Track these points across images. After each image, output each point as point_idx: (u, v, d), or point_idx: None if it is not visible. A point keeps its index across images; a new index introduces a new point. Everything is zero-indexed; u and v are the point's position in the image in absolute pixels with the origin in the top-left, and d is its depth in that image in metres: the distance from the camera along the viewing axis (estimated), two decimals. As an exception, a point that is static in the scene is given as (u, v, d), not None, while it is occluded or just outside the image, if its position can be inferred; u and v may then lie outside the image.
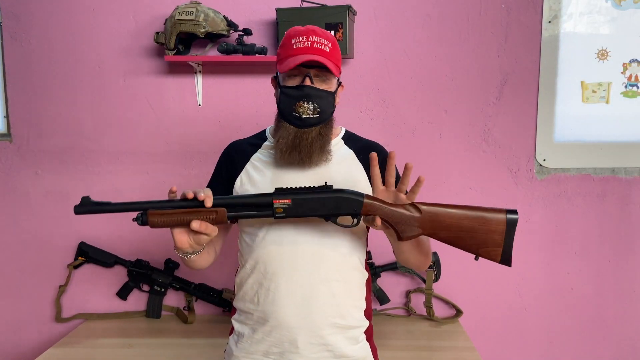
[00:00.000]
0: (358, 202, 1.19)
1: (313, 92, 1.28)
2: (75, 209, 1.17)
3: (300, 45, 1.28)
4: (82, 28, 2.21)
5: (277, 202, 1.18)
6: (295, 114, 1.29)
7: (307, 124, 1.29)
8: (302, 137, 1.29)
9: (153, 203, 1.18)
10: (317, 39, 1.28)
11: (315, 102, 1.28)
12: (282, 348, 1.31)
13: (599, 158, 2.20)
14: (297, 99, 1.28)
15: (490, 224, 1.19)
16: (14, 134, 2.26)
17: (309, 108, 1.28)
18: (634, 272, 2.25)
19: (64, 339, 2.08)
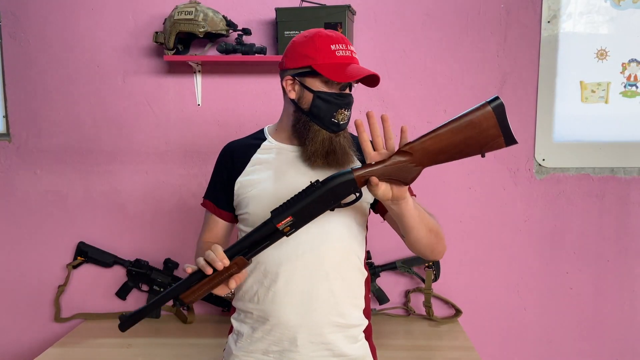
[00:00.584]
0: (350, 181, 1.16)
1: (352, 100, 1.34)
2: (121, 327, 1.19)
3: (343, 53, 1.30)
4: (81, 28, 2.20)
5: (280, 225, 1.16)
6: (334, 121, 1.31)
7: (341, 129, 1.33)
8: (337, 142, 1.31)
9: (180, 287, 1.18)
10: (352, 49, 1.32)
11: (350, 109, 1.34)
12: (282, 347, 1.32)
13: (598, 158, 2.20)
14: (339, 106, 1.30)
15: (480, 125, 1.15)
16: (13, 133, 2.26)
17: (347, 115, 1.32)
18: (633, 272, 2.25)
19: (63, 338, 2.08)
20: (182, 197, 2.26)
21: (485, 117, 1.15)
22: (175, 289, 1.18)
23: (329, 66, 1.27)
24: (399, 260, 2.21)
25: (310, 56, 1.29)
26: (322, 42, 1.29)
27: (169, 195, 2.26)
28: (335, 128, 1.31)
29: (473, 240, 2.25)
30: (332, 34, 1.31)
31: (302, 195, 1.16)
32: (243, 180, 1.37)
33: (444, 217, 2.23)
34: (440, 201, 2.22)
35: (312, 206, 1.16)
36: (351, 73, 1.26)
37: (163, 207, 2.27)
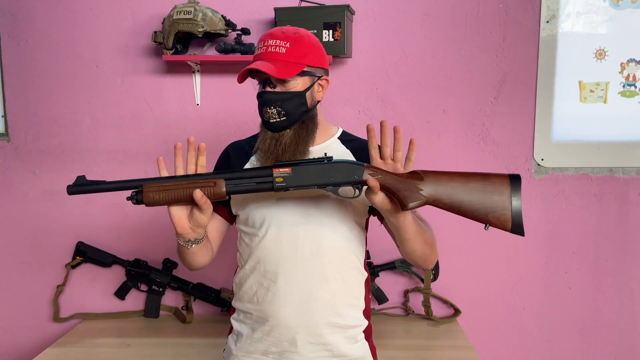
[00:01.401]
0: (359, 169, 1.17)
1: (270, 96, 1.28)
2: (69, 188, 1.17)
3: (258, 51, 1.29)
4: (80, 27, 2.20)
5: (277, 171, 1.17)
6: (265, 120, 1.30)
7: (277, 127, 1.29)
8: (278, 141, 1.29)
9: (148, 180, 1.17)
10: (272, 42, 1.28)
11: (278, 106, 1.27)
12: (281, 347, 1.32)
13: (597, 158, 2.20)
14: (261, 104, 1.29)
15: (494, 183, 1.16)
16: (12, 133, 2.25)
17: (273, 113, 1.28)
18: (632, 271, 2.25)
19: (62, 338, 2.08)
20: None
21: (500, 181, 1.17)
22: (143, 180, 1.15)
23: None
24: (398, 260, 2.21)
25: None
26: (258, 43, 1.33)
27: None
28: (269, 127, 1.30)
29: (472, 240, 2.25)
30: (265, 33, 1.31)
31: (309, 160, 1.19)
32: None
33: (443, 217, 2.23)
34: (439, 201, 2.22)
35: (312, 173, 1.17)
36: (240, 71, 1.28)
37: (162, 207, 2.26)
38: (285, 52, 1.26)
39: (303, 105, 1.29)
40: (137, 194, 1.16)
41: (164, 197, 1.15)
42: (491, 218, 1.16)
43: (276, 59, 1.26)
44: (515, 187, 1.17)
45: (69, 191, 1.17)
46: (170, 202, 1.16)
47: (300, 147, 1.30)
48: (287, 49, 1.26)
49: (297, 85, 1.29)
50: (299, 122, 1.30)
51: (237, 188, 1.18)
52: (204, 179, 1.17)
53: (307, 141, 1.31)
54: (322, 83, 1.33)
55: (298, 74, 1.27)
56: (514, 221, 1.16)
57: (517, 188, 1.17)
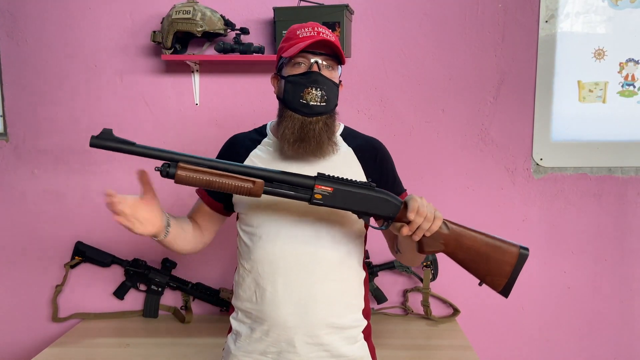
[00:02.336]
0: (396, 207, 1.19)
1: (321, 78, 1.26)
2: (92, 140, 1.09)
3: (307, 34, 1.27)
4: (78, 27, 2.20)
5: (319, 187, 1.15)
6: (302, 101, 1.25)
7: (315, 112, 1.25)
8: (309, 127, 1.26)
9: (186, 156, 1.12)
10: (322, 30, 1.29)
11: (323, 89, 1.25)
12: (280, 348, 1.31)
13: (596, 157, 2.21)
14: (305, 85, 1.25)
15: (504, 254, 1.24)
16: (11, 133, 2.25)
17: (316, 95, 1.25)
18: (631, 271, 2.26)
19: (61, 338, 2.08)
20: (180, 197, 2.25)
21: (510, 254, 1.25)
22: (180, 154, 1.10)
23: (289, 48, 1.28)
24: (397, 260, 2.21)
25: (281, 47, 1.32)
26: (290, 32, 1.32)
27: (167, 195, 2.26)
28: (306, 110, 1.25)
29: (471, 239, 2.25)
30: (304, 24, 1.31)
31: (354, 183, 1.19)
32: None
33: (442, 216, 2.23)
34: (439, 200, 2.22)
35: (353, 196, 1.17)
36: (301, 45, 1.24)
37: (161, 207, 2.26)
38: (334, 41, 1.28)
39: (337, 98, 1.31)
40: (170, 167, 1.12)
41: (196, 180, 1.11)
42: (488, 280, 1.25)
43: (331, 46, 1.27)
44: (520, 262, 1.24)
45: (91, 143, 1.09)
46: (202, 185, 1.12)
47: (331, 137, 1.29)
48: (334, 40, 1.27)
49: (336, 77, 1.31)
50: (330, 112, 1.30)
51: (274, 191, 1.16)
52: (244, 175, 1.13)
53: (334, 133, 1.32)
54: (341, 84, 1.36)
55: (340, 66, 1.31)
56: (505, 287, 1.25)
57: (521, 263, 1.24)
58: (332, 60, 1.29)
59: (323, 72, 1.27)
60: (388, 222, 1.21)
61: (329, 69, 1.29)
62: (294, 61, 1.28)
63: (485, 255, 1.24)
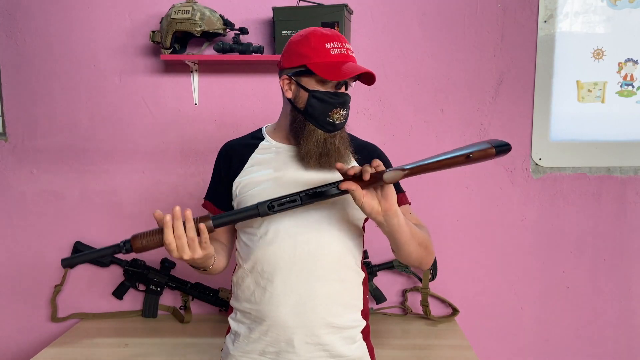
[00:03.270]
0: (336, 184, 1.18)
1: (349, 99, 1.31)
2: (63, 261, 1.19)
3: (337, 51, 1.28)
4: (77, 27, 2.20)
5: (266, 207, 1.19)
6: (329, 120, 1.29)
7: (337, 129, 1.31)
8: (331, 142, 1.30)
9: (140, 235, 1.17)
10: (348, 47, 1.30)
11: (347, 109, 1.31)
12: (279, 348, 1.31)
13: (595, 157, 2.21)
14: (334, 106, 1.28)
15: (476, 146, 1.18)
16: (9, 132, 2.25)
17: (342, 115, 1.30)
18: (629, 271, 2.26)
19: (60, 338, 2.08)
20: (179, 197, 2.25)
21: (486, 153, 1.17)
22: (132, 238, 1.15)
23: (323, 65, 1.26)
24: (396, 260, 2.21)
25: (305, 55, 1.28)
26: (316, 41, 1.28)
27: (166, 195, 2.26)
28: (330, 128, 1.29)
29: (470, 239, 2.25)
30: (327, 32, 1.30)
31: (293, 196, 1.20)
32: (242, 181, 1.37)
33: (441, 216, 2.24)
34: (437, 200, 2.23)
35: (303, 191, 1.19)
36: (345, 71, 1.25)
37: (160, 207, 2.26)
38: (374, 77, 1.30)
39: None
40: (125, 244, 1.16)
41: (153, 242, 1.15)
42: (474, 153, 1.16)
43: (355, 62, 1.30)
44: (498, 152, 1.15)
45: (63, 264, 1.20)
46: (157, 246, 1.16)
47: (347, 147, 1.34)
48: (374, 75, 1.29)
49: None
50: None
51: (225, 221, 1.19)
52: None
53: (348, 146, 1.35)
54: None
55: None
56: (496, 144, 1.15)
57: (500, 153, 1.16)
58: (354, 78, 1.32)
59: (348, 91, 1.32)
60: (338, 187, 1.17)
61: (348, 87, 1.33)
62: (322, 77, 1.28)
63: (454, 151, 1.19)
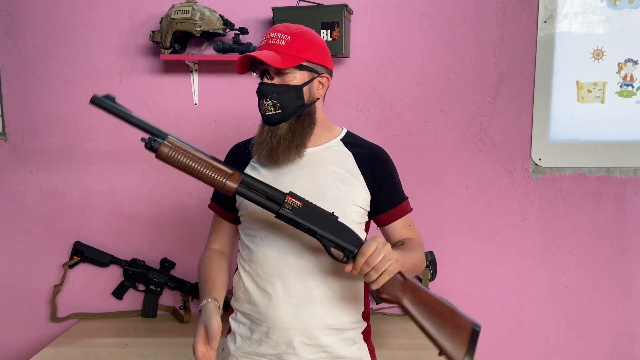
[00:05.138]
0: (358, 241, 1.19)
1: (267, 88, 1.28)
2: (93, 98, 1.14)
3: (260, 44, 1.31)
4: (77, 27, 2.19)
5: (289, 199, 1.19)
6: (261, 112, 1.31)
7: (272, 121, 1.29)
8: (272, 134, 1.30)
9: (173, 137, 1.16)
10: (274, 35, 1.29)
11: (274, 98, 1.28)
12: (279, 349, 1.31)
13: (594, 157, 2.21)
14: (258, 97, 1.30)
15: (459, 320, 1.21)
16: (9, 132, 2.25)
17: (268, 105, 1.28)
18: (629, 271, 2.26)
19: (59, 338, 2.08)
20: (179, 197, 2.25)
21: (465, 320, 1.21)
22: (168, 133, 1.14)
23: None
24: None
25: None
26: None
27: (165, 195, 2.26)
28: (265, 120, 1.31)
29: (469, 239, 2.25)
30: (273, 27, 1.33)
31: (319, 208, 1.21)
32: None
33: (441, 216, 2.24)
34: (437, 200, 2.23)
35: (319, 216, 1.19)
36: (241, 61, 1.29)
37: (160, 207, 2.26)
38: (285, 44, 1.27)
39: (299, 100, 1.29)
40: (155, 142, 1.14)
41: (178, 161, 1.14)
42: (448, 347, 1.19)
43: (275, 50, 1.27)
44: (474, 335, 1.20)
45: (92, 100, 1.14)
46: (180, 166, 1.14)
47: (296, 140, 1.29)
48: (287, 42, 1.27)
49: (294, 79, 1.28)
50: (294, 116, 1.30)
51: (247, 193, 1.19)
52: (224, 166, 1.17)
53: (303, 136, 1.31)
54: (322, 80, 1.32)
55: (296, 67, 1.27)
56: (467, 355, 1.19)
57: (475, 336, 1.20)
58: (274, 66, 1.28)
59: (275, 79, 1.28)
60: (348, 256, 1.19)
61: (282, 75, 1.28)
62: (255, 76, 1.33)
63: (441, 315, 1.20)
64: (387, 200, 1.36)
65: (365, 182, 1.34)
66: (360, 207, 1.33)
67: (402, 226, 1.39)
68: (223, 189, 1.18)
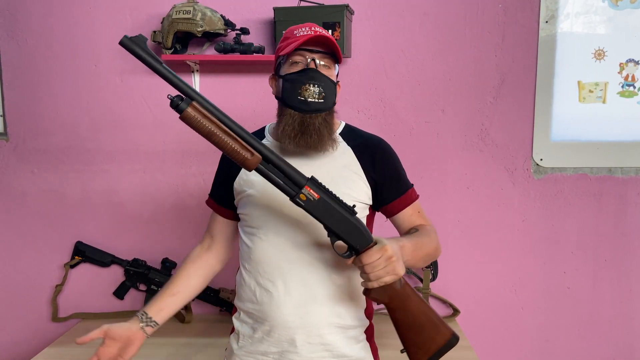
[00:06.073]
0: (366, 242, 1.16)
1: (318, 74, 1.26)
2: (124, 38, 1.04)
3: (304, 33, 1.27)
4: (78, 26, 2.20)
5: (308, 189, 1.15)
6: (300, 98, 1.25)
7: (313, 108, 1.26)
8: (309, 122, 1.26)
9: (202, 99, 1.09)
10: (319, 30, 1.29)
11: (321, 86, 1.26)
12: (281, 347, 1.31)
13: (596, 158, 2.21)
14: (302, 82, 1.26)
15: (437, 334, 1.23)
16: (10, 132, 2.25)
17: (314, 91, 1.25)
18: (630, 272, 2.26)
19: (60, 338, 2.08)
20: (180, 197, 2.25)
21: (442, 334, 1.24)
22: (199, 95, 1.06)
23: (286, 47, 1.28)
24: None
25: (279, 48, 1.32)
26: (288, 32, 1.32)
27: (166, 195, 2.26)
28: (304, 106, 1.26)
29: (471, 240, 2.25)
30: (301, 24, 1.31)
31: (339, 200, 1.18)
32: (240, 180, 1.37)
33: (442, 217, 2.23)
34: (439, 201, 2.22)
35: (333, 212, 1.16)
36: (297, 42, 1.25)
37: (161, 207, 2.26)
38: (331, 37, 1.29)
39: (335, 96, 1.31)
40: (183, 102, 1.07)
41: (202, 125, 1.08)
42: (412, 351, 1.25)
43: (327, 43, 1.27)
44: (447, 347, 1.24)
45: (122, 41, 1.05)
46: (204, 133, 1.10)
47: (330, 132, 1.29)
48: (332, 38, 1.28)
49: (332, 75, 1.31)
50: (329, 109, 1.30)
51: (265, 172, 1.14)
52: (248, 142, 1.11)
53: (332, 132, 1.32)
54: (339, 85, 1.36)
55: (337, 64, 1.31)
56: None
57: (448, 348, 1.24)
58: (329, 58, 1.29)
59: (320, 69, 1.28)
60: (351, 253, 1.18)
61: (326, 68, 1.29)
62: (292, 60, 1.29)
63: (421, 326, 1.22)
64: (392, 189, 1.36)
65: (365, 175, 1.34)
66: (360, 202, 1.33)
67: (410, 214, 1.38)
68: (244, 165, 1.13)
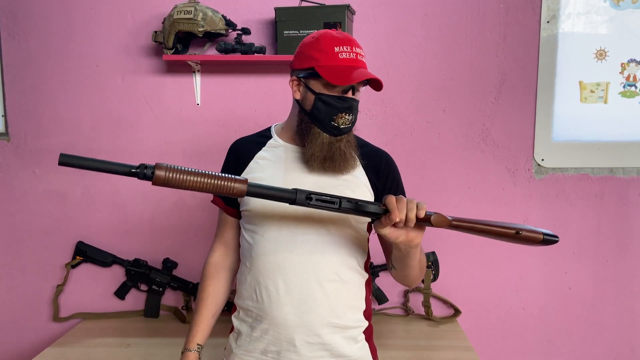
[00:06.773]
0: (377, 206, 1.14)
1: (355, 104, 1.30)
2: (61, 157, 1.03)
3: (346, 55, 1.26)
4: (80, 27, 2.20)
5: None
6: (334, 124, 1.28)
7: (343, 133, 1.30)
8: (336, 146, 1.29)
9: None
10: (359, 51, 1.29)
11: (354, 114, 1.30)
12: (280, 347, 1.32)
13: (597, 158, 2.20)
14: (339, 110, 1.27)
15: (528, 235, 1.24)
16: (12, 132, 2.25)
17: (348, 119, 1.28)
18: (632, 272, 2.25)
19: (62, 338, 2.08)
20: (181, 197, 2.25)
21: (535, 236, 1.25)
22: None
23: (330, 68, 1.25)
24: (398, 260, 2.21)
25: (314, 57, 1.27)
26: (326, 44, 1.27)
27: (167, 195, 2.26)
28: (335, 132, 1.28)
29: (472, 240, 2.25)
30: (338, 36, 1.29)
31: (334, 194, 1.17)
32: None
33: (443, 217, 2.23)
34: (440, 201, 2.22)
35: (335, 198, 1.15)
36: (351, 77, 1.24)
37: (162, 207, 2.26)
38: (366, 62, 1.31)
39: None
40: (147, 169, 1.05)
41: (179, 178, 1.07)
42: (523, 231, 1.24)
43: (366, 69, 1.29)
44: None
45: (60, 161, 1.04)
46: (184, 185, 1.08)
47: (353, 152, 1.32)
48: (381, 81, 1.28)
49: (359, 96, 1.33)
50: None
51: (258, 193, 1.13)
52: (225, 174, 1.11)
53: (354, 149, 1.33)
54: None
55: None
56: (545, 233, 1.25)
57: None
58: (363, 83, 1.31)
59: (356, 95, 1.30)
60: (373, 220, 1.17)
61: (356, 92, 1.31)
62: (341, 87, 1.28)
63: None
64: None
65: (369, 182, 1.35)
66: None
67: None
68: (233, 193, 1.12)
